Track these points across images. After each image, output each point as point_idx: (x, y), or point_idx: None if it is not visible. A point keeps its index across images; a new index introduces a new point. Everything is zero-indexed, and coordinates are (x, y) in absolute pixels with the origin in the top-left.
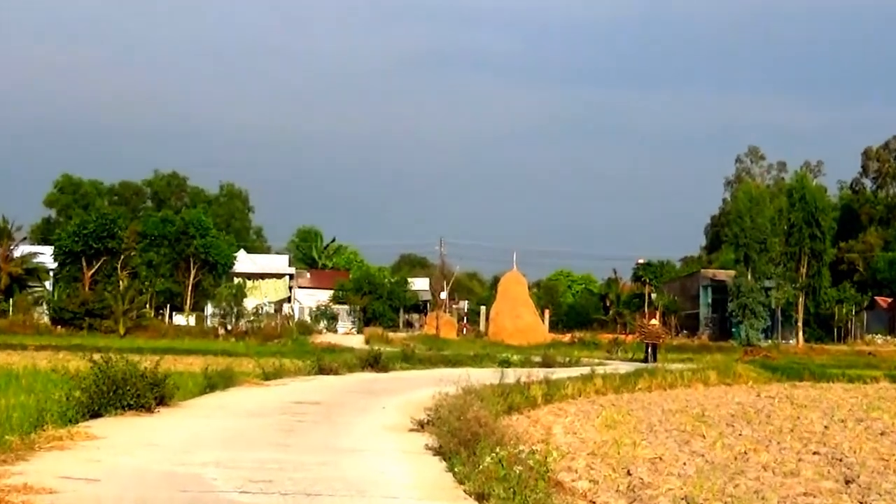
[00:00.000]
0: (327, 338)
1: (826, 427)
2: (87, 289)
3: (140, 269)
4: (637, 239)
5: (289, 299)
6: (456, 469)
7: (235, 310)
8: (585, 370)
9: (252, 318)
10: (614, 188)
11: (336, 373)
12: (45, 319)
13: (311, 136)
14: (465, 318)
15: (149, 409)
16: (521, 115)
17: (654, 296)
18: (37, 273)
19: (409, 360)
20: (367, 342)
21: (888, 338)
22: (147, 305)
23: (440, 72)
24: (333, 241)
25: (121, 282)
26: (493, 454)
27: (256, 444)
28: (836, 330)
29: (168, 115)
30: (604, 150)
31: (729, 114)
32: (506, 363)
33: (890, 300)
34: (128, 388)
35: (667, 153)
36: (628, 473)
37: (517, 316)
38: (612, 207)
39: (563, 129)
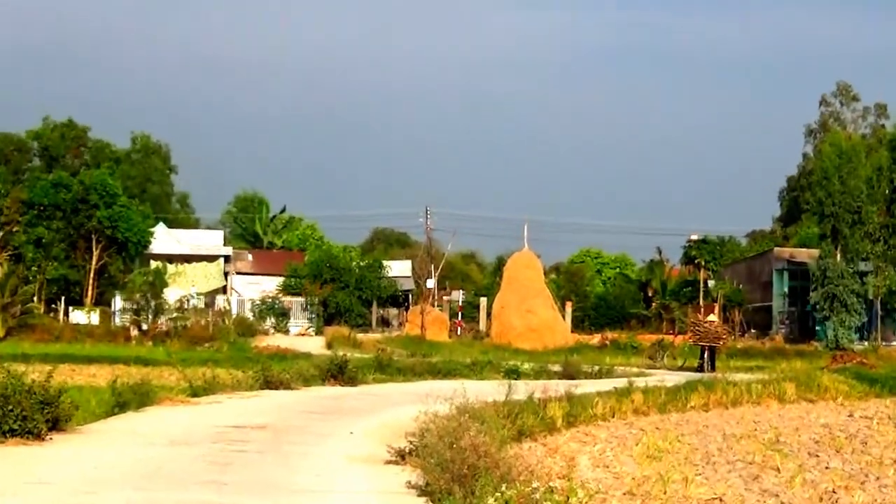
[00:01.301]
0: (276, 340)
1: None
2: None
3: (25, 250)
4: (689, 208)
5: (224, 289)
6: None
7: (153, 304)
8: (621, 382)
9: (175, 314)
10: (659, 142)
11: (288, 387)
12: None
13: (250, 74)
14: (459, 313)
15: (38, 436)
16: (533, 41)
17: (711, 283)
18: None
19: (384, 369)
20: (330, 346)
21: None
22: (35, 298)
23: None
24: (283, 211)
25: None
26: (498, 494)
27: (181, 482)
28: None
29: (61, 43)
30: (645, 92)
31: (811, 39)
32: (514, 373)
33: None
34: (9, 408)
35: (728, 94)
36: None
37: (529, 310)
38: (655, 167)
39: (590, 61)
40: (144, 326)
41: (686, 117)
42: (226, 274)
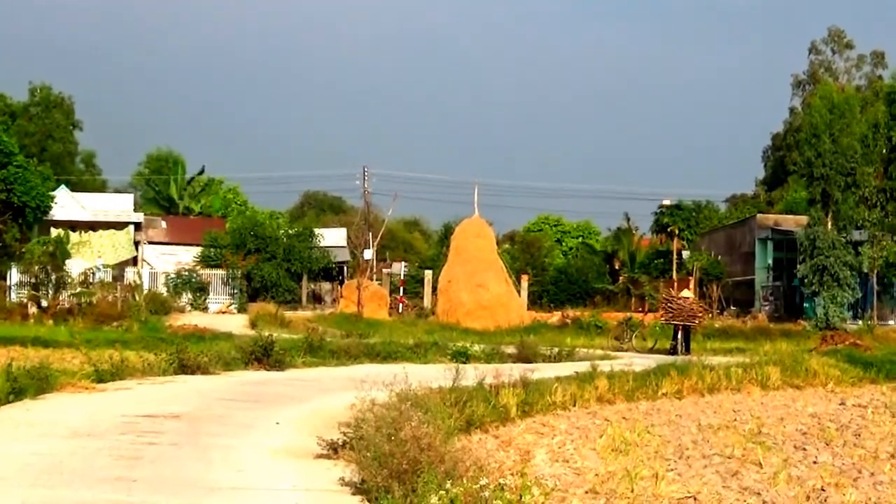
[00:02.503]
0: (193, 319)
1: None
2: None
3: None
4: (661, 170)
5: (135, 261)
6: None
7: (54, 277)
8: (583, 366)
9: (79, 289)
10: (628, 94)
11: (206, 371)
12: None
13: (164, 18)
14: (401, 288)
15: None
16: None
17: (686, 254)
18: None
19: (316, 351)
20: (254, 325)
21: None
22: None
23: None
24: (202, 173)
25: None
26: (442, 492)
27: (84, 479)
28: None
29: None
30: (612, 40)
31: None
32: (463, 356)
33: None
34: None
35: (707, 42)
36: None
37: (480, 285)
38: (623, 123)
39: (552, 6)
40: (44, 303)
41: (659, 68)
42: (136, 243)
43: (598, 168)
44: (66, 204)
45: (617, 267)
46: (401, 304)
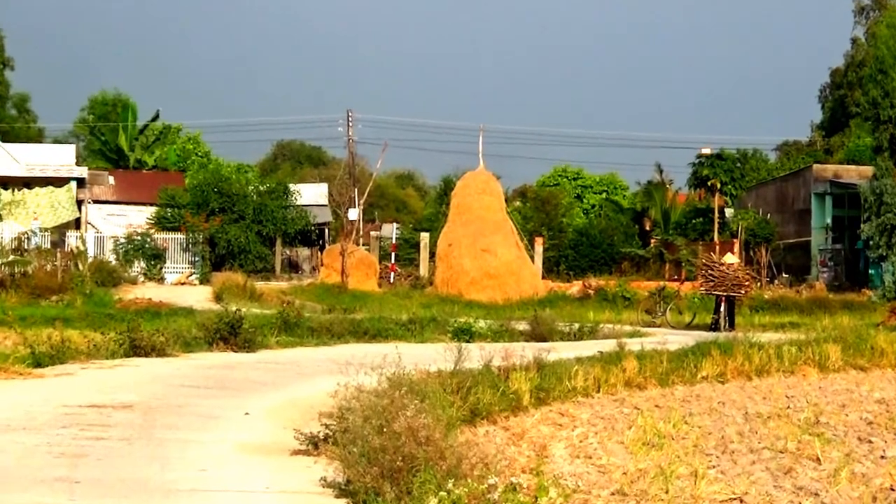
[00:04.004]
0: (147, 291)
1: None
2: None
3: None
4: (700, 113)
5: (77, 223)
6: None
7: None
8: (608, 345)
9: (12, 257)
10: (659, 25)
11: (163, 353)
12: None
13: None
14: (393, 254)
15: None
16: None
17: (729, 213)
18: None
19: (292, 329)
20: (219, 299)
21: None
22: None
23: None
24: (156, 119)
25: None
26: (443, 494)
27: (19, 480)
28: None
29: None
30: None
31: None
32: (466, 334)
33: None
34: None
35: None
36: None
37: (486, 250)
38: (655, 58)
39: None
40: None
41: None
42: (79, 203)
43: (624, 111)
44: None
45: (648, 228)
46: (392, 273)
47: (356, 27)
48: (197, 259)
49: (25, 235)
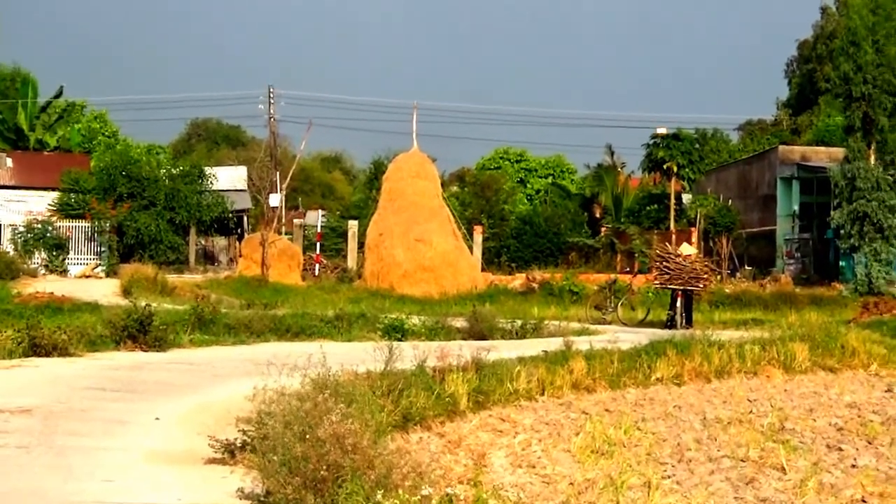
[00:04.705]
0: (48, 285)
1: None
2: None
3: None
4: (655, 90)
5: None
6: None
7: None
8: (554, 343)
9: None
10: None
11: (66, 353)
12: None
13: None
14: (318, 244)
15: None
16: None
17: (687, 199)
18: None
19: (208, 326)
20: (127, 293)
21: None
22: None
23: None
24: (59, 96)
25: None
26: None
27: None
28: None
29: None
30: None
31: None
32: (398, 331)
33: None
34: None
35: None
36: None
37: (420, 239)
38: (603, 28)
39: None
40: None
41: None
42: None
43: (572, 87)
44: None
45: (598, 215)
46: (317, 265)
47: None
48: (103, 249)
49: None
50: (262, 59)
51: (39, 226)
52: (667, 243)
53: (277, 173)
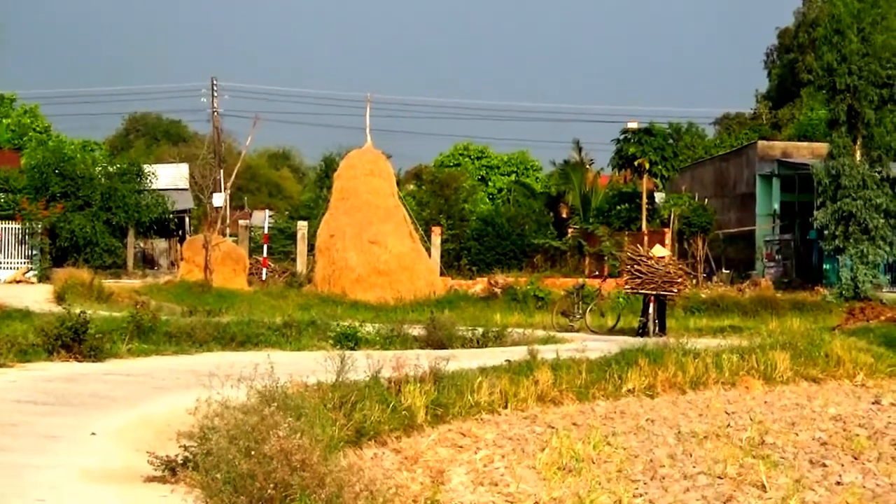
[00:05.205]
0: None
1: None
2: None
3: None
4: (625, 81)
5: None
6: None
7: None
8: (518, 353)
9: None
10: None
11: None
12: None
13: None
14: (265, 246)
15: None
16: None
17: (659, 198)
18: None
19: (147, 335)
20: (61, 299)
21: None
22: None
23: None
24: None
25: None
26: None
27: None
28: None
29: None
30: None
31: None
32: (350, 340)
33: None
34: None
35: None
36: None
37: (374, 241)
38: (572, 16)
39: None
40: None
41: None
42: None
43: (537, 80)
44: None
45: (564, 215)
46: (264, 269)
47: None
48: (35, 253)
49: None
50: (204, 48)
51: None
52: (638, 245)
53: (221, 171)
